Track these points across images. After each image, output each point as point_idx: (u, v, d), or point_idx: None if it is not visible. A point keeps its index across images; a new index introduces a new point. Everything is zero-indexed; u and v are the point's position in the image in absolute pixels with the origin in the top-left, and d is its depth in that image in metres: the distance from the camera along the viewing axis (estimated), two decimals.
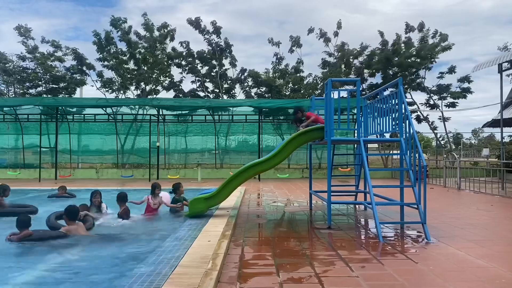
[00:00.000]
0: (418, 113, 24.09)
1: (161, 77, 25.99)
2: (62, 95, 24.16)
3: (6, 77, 24.11)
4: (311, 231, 5.74)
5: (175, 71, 26.33)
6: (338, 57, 24.47)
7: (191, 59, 25.58)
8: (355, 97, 6.98)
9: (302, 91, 24.48)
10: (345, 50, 24.09)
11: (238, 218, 6.70)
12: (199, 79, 26.33)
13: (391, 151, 20.17)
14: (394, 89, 6.56)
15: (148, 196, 7.15)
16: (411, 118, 5.96)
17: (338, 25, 24.65)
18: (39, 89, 24.86)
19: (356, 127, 7.35)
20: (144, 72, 24.66)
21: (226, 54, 25.77)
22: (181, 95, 26.12)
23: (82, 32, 72.68)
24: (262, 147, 17.48)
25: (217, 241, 4.60)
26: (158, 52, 24.97)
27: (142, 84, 25.45)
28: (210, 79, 26.45)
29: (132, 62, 24.77)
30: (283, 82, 25.16)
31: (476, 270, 3.78)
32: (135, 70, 24.93)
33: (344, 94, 17.24)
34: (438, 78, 23.65)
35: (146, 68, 24.72)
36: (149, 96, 24.93)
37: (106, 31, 24.07)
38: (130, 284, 3.19)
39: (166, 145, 19.20)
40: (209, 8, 70.47)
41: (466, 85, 23.34)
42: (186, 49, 25.43)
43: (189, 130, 19.56)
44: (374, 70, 23.93)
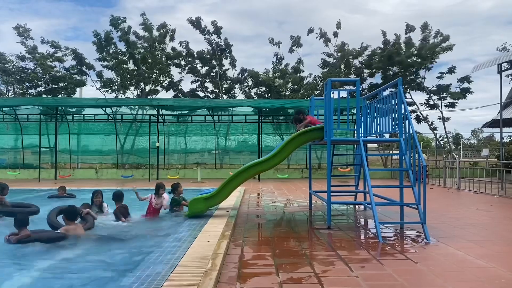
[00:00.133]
0: (418, 113, 24.10)
1: (160, 77, 26.00)
2: (61, 95, 24.16)
3: (6, 77, 24.11)
4: (311, 231, 5.74)
5: (175, 71, 26.34)
6: (338, 57, 24.47)
7: (191, 59, 25.59)
8: (355, 97, 6.99)
9: (302, 91, 24.48)
10: (345, 50, 24.10)
11: (238, 218, 6.69)
12: (199, 79, 26.33)
13: (391, 151, 20.18)
14: (394, 89, 6.56)
15: (152, 194, 7.13)
16: (411, 118, 5.96)
17: (338, 25, 24.68)
18: (39, 89, 24.87)
19: (355, 127, 7.35)
20: (143, 72, 24.66)
21: (226, 54, 25.79)
22: (180, 95, 26.12)
23: (82, 32, 72.75)
24: (262, 147, 17.48)
25: (216, 241, 4.60)
26: (158, 52, 24.97)
27: (142, 84, 25.45)
28: (210, 79, 26.45)
29: (131, 62, 24.78)
30: (283, 82, 25.16)
31: (475, 270, 3.79)
32: (135, 70, 24.94)
33: (343, 94, 17.21)
34: (438, 78, 23.69)
35: (145, 68, 24.72)
36: (148, 96, 24.94)
37: (106, 31, 24.09)
38: (130, 284, 3.19)
39: (166, 145, 19.19)
40: (208, 8, 70.59)
41: (466, 85, 23.36)
42: (185, 49, 25.45)
43: (188, 130, 19.55)
44: (375, 70, 23.91)
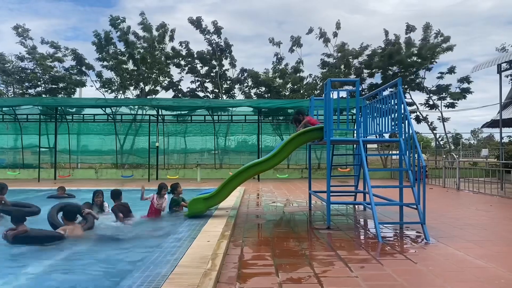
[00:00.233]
0: (418, 113, 24.10)
1: (160, 77, 26.00)
2: (61, 96, 24.15)
3: (5, 77, 24.10)
4: (311, 232, 5.74)
5: (175, 71, 26.34)
6: (338, 57, 24.45)
7: (191, 59, 25.57)
8: (355, 97, 6.99)
9: (301, 91, 24.47)
10: (345, 50, 24.06)
11: (238, 218, 6.69)
12: (199, 79, 26.33)
13: (391, 152, 20.18)
14: (394, 89, 6.57)
15: (154, 195, 7.11)
16: (410, 118, 5.96)
17: (337, 25, 24.68)
18: (38, 89, 24.87)
19: (355, 128, 7.35)
20: (143, 72, 24.65)
21: (226, 54, 25.78)
22: (180, 95, 26.11)
23: (81, 32, 72.56)
24: (262, 147, 17.48)
25: (216, 241, 4.60)
26: (157, 52, 24.96)
27: (141, 84, 25.45)
28: (210, 79, 26.45)
29: (131, 62, 24.77)
30: (283, 82, 25.15)
31: (475, 271, 3.79)
32: (134, 71, 24.94)
33: (343, 94, 17.20)
34: (438, 78, 23.68)
35: (145, 68, 24.71)
36: (148, 96, 24.93)
37: (105, 31, 24.08)
38: (129, 284, 3.18)
39: (166, 145, 19.18)
40: (208, 8, 70.46)
41: (465, 85, 23.35)
42: (186, 49, 25.43)
43: (188, 130, 19.55)
44: (375, 70, 23.86)
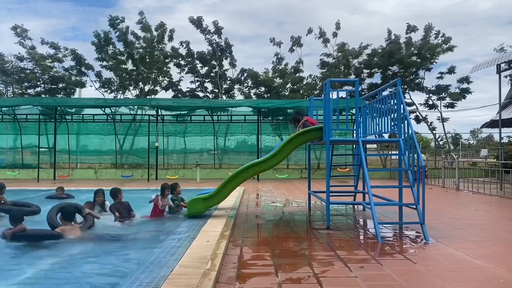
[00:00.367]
0: (417, 113, 24.10)
1: (159, 77, 25.98)
2: (60, 96, 24.14)
3: (5, 77, 24.07)
4: (310, 232, 5.74)
5: (174, 71, 26.33)
6: (338, 57, 24.42)
7: (191, 59, 25.56)
8: (354, 97, 6.99)
9: (301, 92, 24.47)
10: (345, 50, 24.03)
11: (237, 218, 6.69)
12: (198, 79, 26.32)
13: (390, 152, 20.18)
14: (393, 89, 6.57)
15: (157, 195, 7.08)
16: (410, 118, 5.96)
17: (337, 25, 24.67)
18: (38, 89, 24.85)
19: (354, 128, 7.36)
20: (142, 72, 24.64)
21: (226, 54, 25.76)
22: (180, 95, 26.10)
23: (81, 32, 72.47)
24: (261, 148, 17.48)
25: (216, 241, 4.60)
26: (157, 52, 24.95)
27: (141, 84, 25.43)
28: (209, 80, 26.43)
29: (130, 62, 24.75)
30: (282, 82, 25.14)
31: (474, 271, 3.79)
32: (134, 71, 24.92)
33: (343, 94, 17.18)
34: (438, 78, 23.69)
35: (144, 68, 24.69)
36: (147, 96, 24.91)
37: (105, 32, 24.07)
38: (129, 284, 3.18)
39: (165, 145, 19.17)
40: (207, 8, 70.39)
41: (465, 85, 23.35)
42: (186, 48, 25.41)
43: (188, 131, 19.54)
44: (375, 69, 23.81)
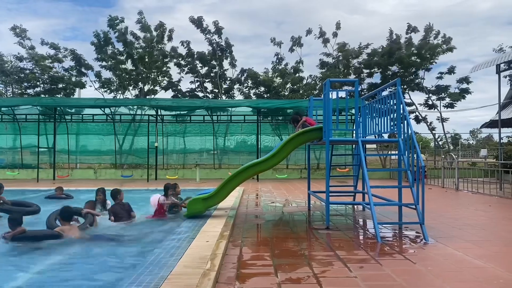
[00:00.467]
0: (417, 113, 24.10)
1: (159, 77, 25.96)
2: (60, 96, 24.12)
3: (4, 77, 24.05)
4: (310, 232, 5.74)
5: (174, 71, 26.31)
6: (338, 56, 24.38)
7: (191, 59, 25.54)
8: (354, 97, 6.99)
9: (300, 92, 24.46)
10: (346, 50, 23.99)
11: (237, 218, 6.69)
12: (198, 79, 26.31)
13: (390, 152, 20.19)
14: (393, 89, 6.57)
15: (161, 196, 7.15)
16: (409, 118, 5.96)
17: (337, 25, 24.66)
18: (37, 89, 24.82)
19: (354, 128, 7.36)
20: (141, 72, 24.62)
21: (226, 54, 25.75)
22: (179, 95, 26.09)
23: (80, 32, 72.50)
24: (261, 148, 17.48)
25: (215, 241, 4.59)
26: (156, 52, 24.93)
27: (140, 84, 25.42)
28: (209, 80, 26.42)
29: (129, 62, 24.73)
30: (282, 82, 25.14)
31: (474, 271, 3.79)
32: (133, 70, 24.90)
33: (342, 94, 17.18)
34: (437, 78, 23.67)
35: (143, 68, 24.67)
36: (147, 96, 24.90)
37: (104, 32, 24.05)
38: (128, 284, 3.18)
39: (165, 145, 19.17)
40: (207, 8, 70.44)
41: (464, 86, 23.35)
42: (186, 48, 25.39)
43: (187, 131, 19.53)
44: (375, 68, 23.76)
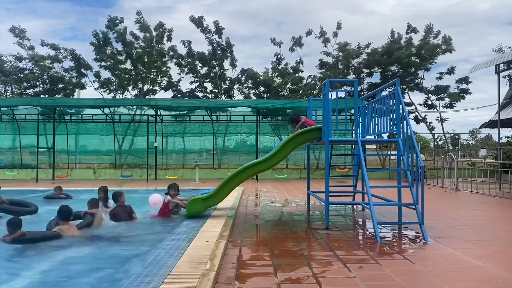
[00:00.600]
0: (416, 113, 24.10)
1: (158, 77, 25.94)
2: (60, 96, 24.09)
3: (3, 77, 24.02)
4: (309, 232, 5.74)
5: (174, 71, 26.30)
6: (341, 56, 24.34)
7: (191, 60, 25.52)
8: (353, 97, 6.99)
9: (300, 92, 24.46)
10: (347, 50, 23.97)
11: (236, 218, 6.69)
12: (198, 80, 26.29)
13: (389, 152, 20.19)
14: (392, 88, 6.57)
15: (165, 196, 7.18)
16: (409, 118, 5.97)
17: (338, 25, 24.66)
18: (37, 89, 24.80)
19: (353, 128, 7.36)
20: (141, 72, 24.60)
21: (226, 54, 25.73)
22: (179, 96, 26.08)
23: (80, 32, 72.49)
24: (260, 148, 17.47)
25: (215, 241, 4.60)
26: (155, 52, 24.91)
27: (140, 84, 25.40)
28: (209, 80, 26.41)
29: (129, 62, 24.71)
30: (282, 82, 25.13)
31: (473, 271, 3.79)
32: (132, 70, 24.87)
33: (342, 94, 17.20)
34: (437, 79, 23.68)
35: (143, 68, 24.65)
36: (146, 96, 24.88)
37: (103, 32, 24.03)
38: (127, 284, 3.17)
39: (164, 145, 19.16)
40: (206, 8, 70.40)
41: (464, 86, 23.36)
42: (187, 48, 25.37)
43: (187, 131, 19.53)
44: (375, 68, 23.75)
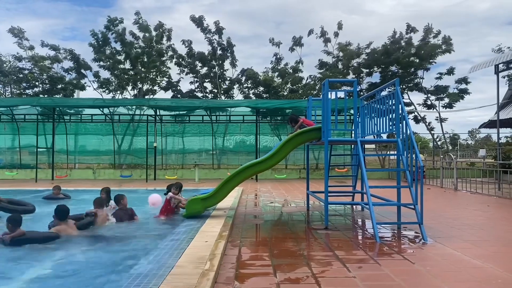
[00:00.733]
0: (416, 113, 24.10)
1: (158, 77, 25.93)
2: (59, 97, 24.06)
3: (3, 77, 23.99)
4: (308, 232, 5.74)
5: (174, 71, 26.28)
6: (342, 56, 24.32)
7: (191, 60, 25.50)
8: (352, 97, 7.00)
9: (300, 92, 24.46)
10: (347, 50, 23.96)
11: (235, 218, 6.69)
12: (197, 80, 26.28)
13: (388, 152, 20.21)
14: (392, 89, 6.58)
15: (168, 193, 7.24)
16: (408, 118, 5.97)
17: (339, 25, 24.66)
18: (36, 89, 24.76)
19: (353, 128, 7.37)
20: (140, 72, 24.58)
21: (227, 54, 25.71)
22: (179, 96, 26.07)
23: (79, 32, 72.66)
24: (260, 148, 17.47)
25: (214, 241, 4.59)
26: (155, 52, 24.89)
27: (139, 84, 25.38)
28: (209, 80, 26.40)
29: (128, 62, 24.68)
30: (282, 82, 25.13)
31: (472, 271, 3.80)
32: (130, 70, 24.85)
33: (341, 94, 17.17)
34: (436, 79, 23.68)
35: (142, 68, 24.63)
36: (146, 96, 24.86)
37: (102, 32, 24.01)
38: (127, 284, 3.17)
39: (164, 145, 19.16)
40: (206, 8, 70.55)
41: (463, 86, 23.37)
42: (188, 48, 25.35)
43: (186, 131, 19.53)
44: (375, 67, 23.75)
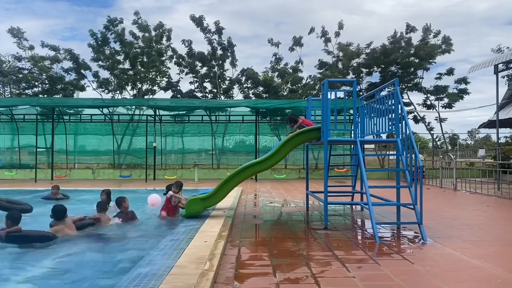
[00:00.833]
0: (415, 113, 24.12)
1: (158, 77, 25.92)
2: (59, 97, 24.04)
3: (2, 77, 23.97)
4: (308, 232, 5.74)
5: (173, 71, 26.27)
6: (342, 56, 24.32)
7: (191, 60, 25.49)
8: (352, 97, 7.00)
9: (299, 92, 24.46)
10: (347, 50, 23.96)
11: (235, 218, 6.69)
12: (197, 80, 26.27)
13: (388, 152, 20.22)
14: (391, 89, 6.58)
15: (169, 192, 7.21)
16: (408, 118, 5.97)
17: (340, 25, 24.67)
18: (36, 89, 24.74)
19: (352, 128, 7.37)
20: (139, 72, 24.57)
21: (227, 54, 25.71)
22: (179, 96, 26.06)
23: (78, 32, 72.58)
24: (259, 148, 17.47)
25: (213, 241, 4.59)
26: (155, 52, 24.88)
27: (138, 84, 25.37)
28: (209, 80, 26.39)
29: (127, 62, 24.67)
30: (282, 82, 25.14)
31: (472, 271, 3.80)
32: (130, 70, 24.84)
33: (341, 94, 17.19)
34: (436, 79, 23.69)
35: (141, 68, 24.61)
36: (145, 96, 24.84)
37: (102, 32, 24.00)
38: (126, 284, 3.17)
39: (163, 145, 19.16)
40: (205, 8, 70.47)
41: (463, 86, 23.38)
42: (187, 48, 25.34)
43: (186, 131, 19.53)
44: (374, 67, 23.75)
